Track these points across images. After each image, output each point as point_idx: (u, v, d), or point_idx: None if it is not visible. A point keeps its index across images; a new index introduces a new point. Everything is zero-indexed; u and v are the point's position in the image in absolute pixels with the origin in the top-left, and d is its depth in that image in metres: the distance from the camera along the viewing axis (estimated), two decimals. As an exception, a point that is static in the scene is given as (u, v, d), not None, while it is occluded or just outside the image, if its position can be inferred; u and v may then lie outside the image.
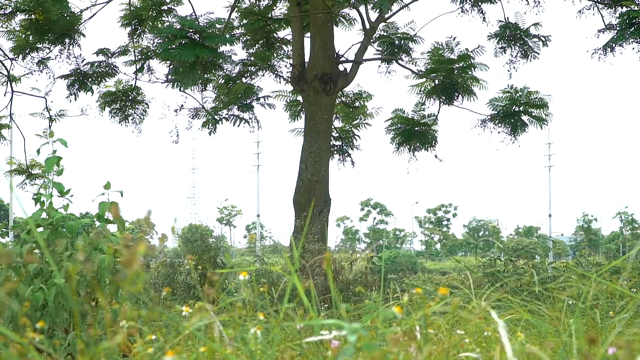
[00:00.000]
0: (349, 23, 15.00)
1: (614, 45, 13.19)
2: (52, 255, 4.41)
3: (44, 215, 4.85)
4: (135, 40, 15.14)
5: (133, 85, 15.77)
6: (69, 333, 4.33)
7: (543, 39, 14.02)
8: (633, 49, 12.98)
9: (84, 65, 15.18)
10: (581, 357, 2.69)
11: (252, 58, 15.48)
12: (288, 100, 15.98)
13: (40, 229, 4.78)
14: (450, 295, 3.22)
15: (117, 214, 4.58)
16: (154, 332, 3.06)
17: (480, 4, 14.17)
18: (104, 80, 15.42)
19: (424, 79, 14.68)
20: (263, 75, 15.73)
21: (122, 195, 4.97)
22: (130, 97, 15.85)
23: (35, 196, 4.93)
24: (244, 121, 15.92)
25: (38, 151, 5.07)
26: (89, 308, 3.77)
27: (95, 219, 4.93)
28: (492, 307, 4.04)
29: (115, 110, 15.92)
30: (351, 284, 10.87)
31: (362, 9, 13.43)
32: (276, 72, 15.65)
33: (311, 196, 12.25)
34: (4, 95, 15.70)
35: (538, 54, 14.14)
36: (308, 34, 13.42)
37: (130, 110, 16.00)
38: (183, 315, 3.15)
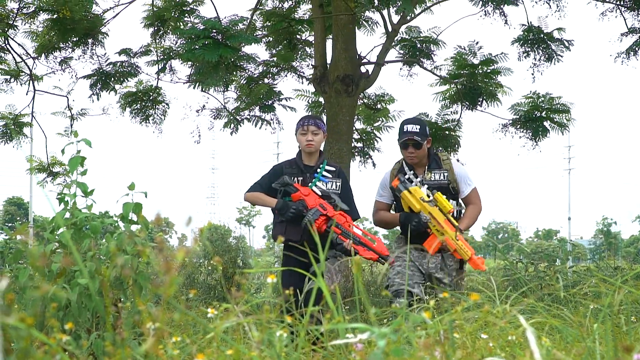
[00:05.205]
0: (371, 28, 14.93)
1: (637, 48, 13.11)
2: (78, 256, 4.42)
3: (67, 215, 4.88)
4: (157, 40, 15.12)
5: (154, 86, 15.75)
6: (91, 333, 4.36)
7: (566, 42, 13.91)
8: (656, 52, 12.91)
9: (107, 65, 15.16)
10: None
11: (275, 59, 15.45)
12: (310, 102, 15.92)
13: (63, 229, 4.80)
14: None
15: (143, 216, 4.60)
16: (180, 334, 3.07)
17: (502, 6, 14.09)
18: (126, 80, 15.37)
19: (447, 85, 14.59)
20: (285, 76, 15.69)
21: (146, 197, 4.99)
22: (151, 98, 15.82)
23: (59, 196, 4.95)
24: (265, 122, 15.87)
25: (63, 151, 5.08)
26: (113, 309, 3.79)
27: (118, 220, 4.95)
28: (517, 311, 4.02)
29: (136, 111, 15.86)
30: (372, 286, 10.85)
31: (384, 11, 13.37)
32: (298, 73, 15.61)
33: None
34: (26, 94, 15.73)
35: (561, 56, 14.02)
36: (330, 36, 13.37)
37: (151, 111, 15.96)
38: (208, 316, 3.15)
